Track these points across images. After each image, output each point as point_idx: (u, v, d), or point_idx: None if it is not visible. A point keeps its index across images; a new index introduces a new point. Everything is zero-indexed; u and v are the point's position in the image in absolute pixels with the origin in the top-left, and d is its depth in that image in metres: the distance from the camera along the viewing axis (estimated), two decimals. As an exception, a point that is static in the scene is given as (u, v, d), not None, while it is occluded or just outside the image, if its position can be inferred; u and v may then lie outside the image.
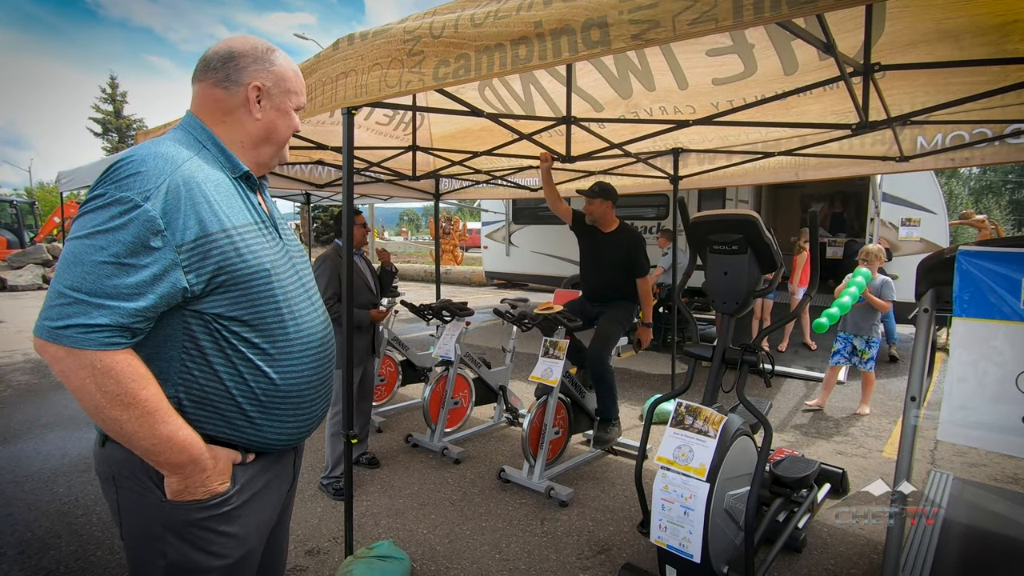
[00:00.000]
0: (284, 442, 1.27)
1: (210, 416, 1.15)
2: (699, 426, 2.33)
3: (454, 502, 3.30)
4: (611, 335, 3.69)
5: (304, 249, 1.38)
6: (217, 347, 1.14)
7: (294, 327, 1.23)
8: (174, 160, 1.10)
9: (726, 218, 2.45)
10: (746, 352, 2.43)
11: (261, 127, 1.28)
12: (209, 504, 1.15)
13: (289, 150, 1.44)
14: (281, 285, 1.21)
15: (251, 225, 1.19)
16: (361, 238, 3.56)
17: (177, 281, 1.05)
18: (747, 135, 4.30)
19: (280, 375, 1.21)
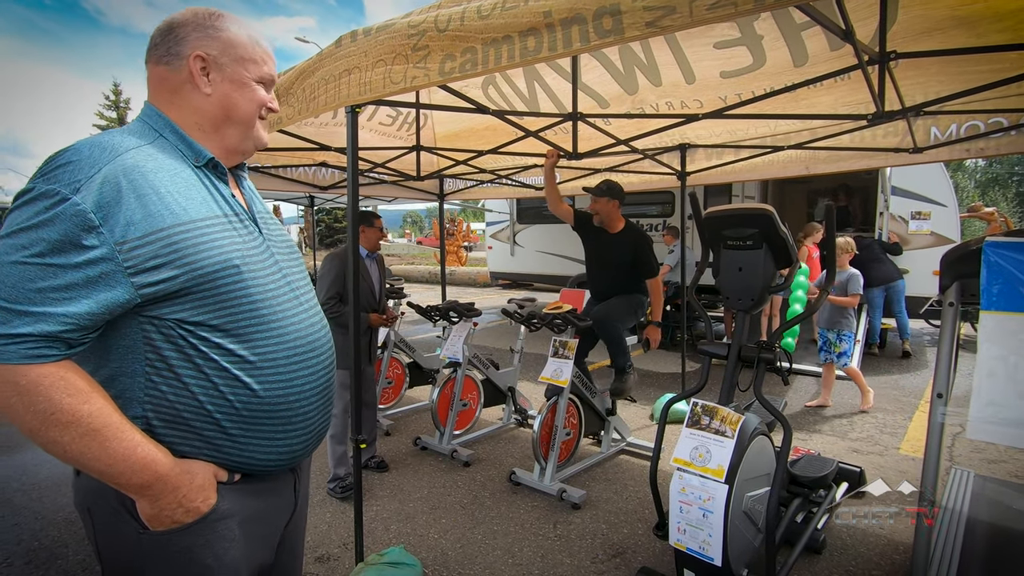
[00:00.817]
0: (276, 462, 1.12)
1: (184, 436, 1.02)
2: (716, 426, 2.27)
3: (465, 506, 3.25)
4: (618, 310, 3.67)
5: (295, 247, 1.26)
6: (184, 357, 1.00)
7: (278, 330, 1.09)
8: (113, 149, 0.97)
9: (741, 212, 2.39)
10: (763, 350, 2.37)
11: (215, 104, 1.12)
12: (193, 528, 1.01)
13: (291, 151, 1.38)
14: (258, 283, 1.07)
15: (216, 218, 1.05)
16: (375, 241, 3.53)
17: (120, 284, 0.92)
18: (756, 129, 4.23)
19: (263, 385, 1.06)
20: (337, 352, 3.24)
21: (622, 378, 3.72)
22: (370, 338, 3.54)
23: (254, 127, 1.18)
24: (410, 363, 4.91)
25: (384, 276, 3.69)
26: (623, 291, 3.76)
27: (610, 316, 3.60)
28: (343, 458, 3.39)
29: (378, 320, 3.49)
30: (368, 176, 5.82)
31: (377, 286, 3.57)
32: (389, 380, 4.71)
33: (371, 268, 3.54)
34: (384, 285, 3.66)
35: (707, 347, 2.52)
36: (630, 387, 3.75)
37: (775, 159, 4.49)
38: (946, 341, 1.98)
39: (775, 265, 2.43)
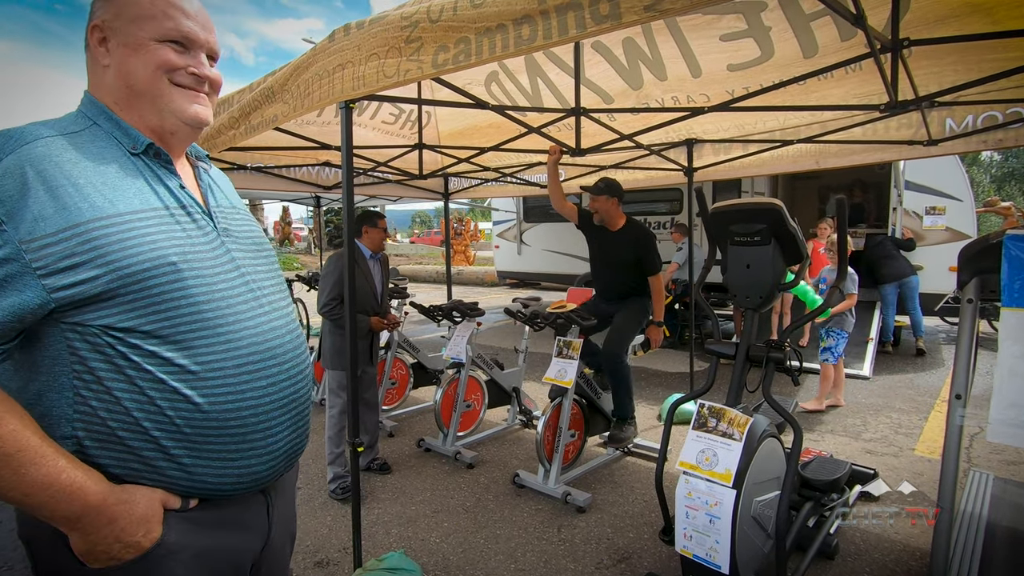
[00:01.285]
0: (233, 486, 0.99)
1: (121, 457, 0.90)
2: (723, 428, 2.20)
3: (467, 509, 3.19)
4: (626, 332, 3.56)
5: (266, 245, 1.16)
6: (114, 369, 0.88)
7: (227, 336, 0.96)
8: (20, 138, 0.87)
9: (748, 207, 2.31)
10: (772, 349, 2.29)
11: (114, 76, 0.98)
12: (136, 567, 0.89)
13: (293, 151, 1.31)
14: (203, 283, 0.95)
15: (153, 211, 0.93)
16: (379, 242, 3.47)
17: (28, 287, 0.82)
18: (764, 123, 4.13)
19: (208, 398, 0.93)
20: (338, 354, 3.19)
21: (622, 427, 3.63)
22: (372, 340, 3.49)
23: (164, 97, 1.00)
24: (414, 364, 4.86)
25: (387, 277, 3.63)
26: (628, 289, 3.68)
27: (622, 346, 3.49)
28: (341, 459, 3.35)
29: (379, 324, 3.43)
30: (372, 175, 5.78)
31: (379, 288, 3.51)
32: (393, 381, 4.67)
33: (374, 269, 3.48)
34: (387, 286, 3.60)
35: (714, 346, 2.44)
36: (630, 437, 3.66)
37: (784, 153, 4.39)
38: (965, 340, 1.89)
39: (784, 261, 2.35)
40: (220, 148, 3.27)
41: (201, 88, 1.04)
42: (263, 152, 5.13)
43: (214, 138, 3.26)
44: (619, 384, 3.51)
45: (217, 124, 3.20)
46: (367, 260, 3.44)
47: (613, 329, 3.56)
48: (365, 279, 3.39)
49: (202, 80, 1.04)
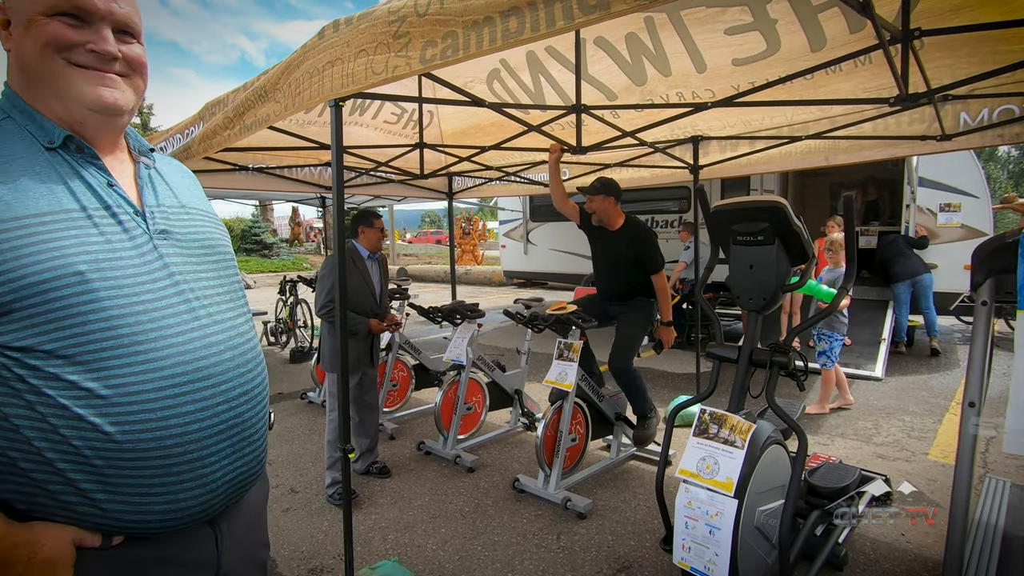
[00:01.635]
0: (157, 524, 0.87)
1: (24, 491, 0.80)
2: (725, 435, 2.12)
3: (466, 514, 3.14)
4: (632, 341, 3.51)
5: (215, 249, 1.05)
6: (11, 392, 0.79)
7: (148, 354, 0.85)
8: None
9: (750, 205, 2.23)
10: (776, 352, 2.21)
11: (14, 61, 0.89)
12: None
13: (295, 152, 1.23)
14: (120, 295, 0.84)
15: (63, 213, 0.83)
16: (376, 242, 3.42)
17: None
18: (771, 119, 4.04)
19: (121, 426, 0.82)
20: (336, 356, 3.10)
21: (644, 424, 3.57)
22: (372, 342, 3.44)
23: (60, 80, 0.88)
24: (416, 365, 4.81)
25: (386, 278, 3.58)
26: (630, 290, 3.60)
27: (630, 358, 3.43)
28: (337, 463, 3.30)
29: (378, 326, 3.37)
30: (374, 175, 5.74)
31: (378, 288, 3.46)
32: (394, 383, 4.62)
33: (371, 270, 3.43)
34: (386, 287, 3.54)
35: (716, 350, 2.36)
36: (653, 433, 3.60)
37: (792, 150, 4.28)
38: (979, 344, 1.79)
39: (789, 261, 2.27)
40: (216, 148, 3.24)
41: (108, 68, 0.91)
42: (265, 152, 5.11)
43: (210, 139, 3.23)
44: (632, 389, 3.47)
45: (212, 125, 3.17)
46: (364, 260, 3.39)
47: (619, 340, 3.50)
48: (363, 280, 3.34)
49: (106, 57, 0.90)
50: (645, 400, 3.53)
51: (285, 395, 5.59)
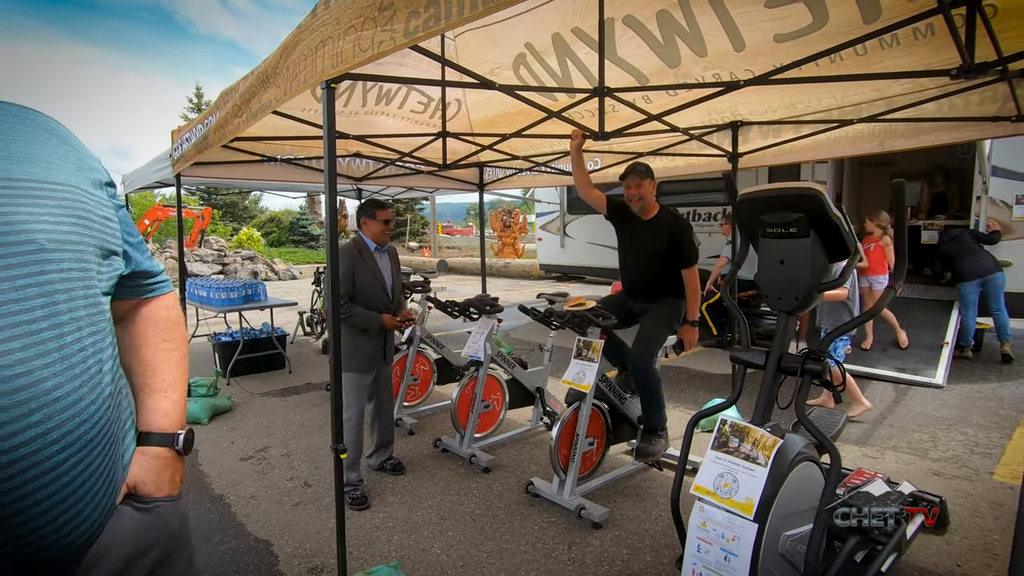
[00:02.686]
0: None
1: None
2: (746, 450, 1.89)
3: (476, 517, 3.01)
4: (656, 336, 3.25)
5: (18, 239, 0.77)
6: None
7: None
8: None
9: (781, 194, 1.98)
10: (808, 359, 1.96)
11: None
12: None
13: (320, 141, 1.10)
14: None
15: None
16: (380, 233, 3.32)
17: None
18: (819, 100, 3.69)
19: None
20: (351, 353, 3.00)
21: (652, 439, 3.30)
22: (385, 338, 3.34)
23: None
24: (438, 359, 4.71)
25: (398, 271, 3.47)
26: (659, 285, 3.36)
27: (650, 353, 3.18)
28: (357, 465, 3.23)
29: (392, 322, 3.26)
30: (399, 166, 5.67)
31: (389, 282, 3.35)
32: (415, 377, 4.54)
33: (381, 262, 3.33)
34: (398, 281, 3.44)
35: (740, 354, 2.13)
36: (659, 451, 3.32)
37: (843, 135, 3.91)
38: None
39: (826, 256, 2.01)
40: (229, 137, 3.21)
41: None
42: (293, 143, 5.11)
43: (222, 128, 3.20)
44: (647, 393, 3.22)
45: (223, 114, 3.13)
46: (372, 253, 3.30)
47: (641, 333, 3.27)
48: (372, 274, 3.24)
49: None
50: (660, 410, 3.28)
51: (313, 385, 5.62)
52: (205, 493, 3.34)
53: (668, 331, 3.32)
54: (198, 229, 20.55)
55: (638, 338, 3.24)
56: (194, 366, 6.23)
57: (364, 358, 3.22)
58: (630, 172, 3.33)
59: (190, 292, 6.62)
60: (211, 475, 3.59)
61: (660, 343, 3.25)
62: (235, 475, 3.58)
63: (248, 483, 3.46)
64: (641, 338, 3.23)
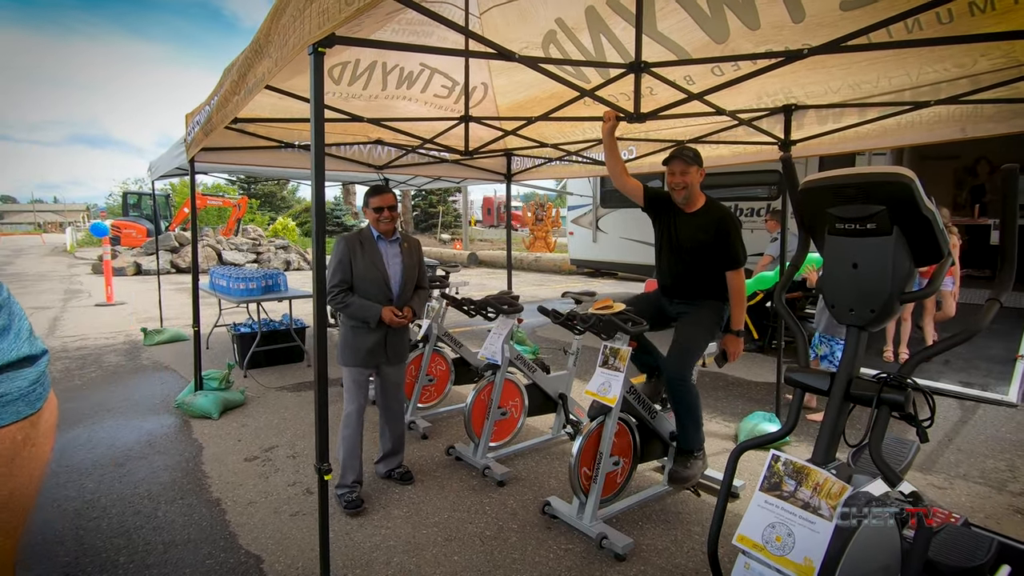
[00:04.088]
0: None
1: None
2: (805, 497, 1.54)
3: (485, 540, 2.72)
4: (695, 344, 2.88)
5: None
6: None
7: None
8: None
9: (860, 181, 1.60)
10: (887, 386, 1.58)
11: None
12: None
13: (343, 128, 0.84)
14: None
15: None
16: (376, 222, 3.05)
17: None
18: (889, 80, 3.23)
19: None
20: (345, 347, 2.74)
21: (687, 462, 2.94)
22: (386, 334, 3.07)
23: None
24: (456, 359, 4.44)
25: (414, 264, 3.19)
26: (699, 287, 2.99)
27: (688, 364, 2.82)
28: (354, 465, 3.00)
29: (391, 317, 2.99)
30: (420, 153, 5.40)
31: (396, 275, 3.09)
32: (431, 377, 4.28)
33: (386, 252, 3.08)
34: (410, 274, 3.16)
35: (799, 375, 1.76)
36: (695, 476, 2.94)
37: (916, 119, 3.44)
38: None
39: (912, 259, 1.63)
40: (230, 117, 2.98)
41: None
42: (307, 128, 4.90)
43: (223, 107, 2.98)
44: (684, 409, 2.86)
45: (224, 92, 2.90)
46: (374, 242, 3.06)
47: (678, 339, 2.90)
48: (374, 265, 3.00)
49: None
50: (697, 429, 2.91)
51: (332, 381, 5.41)
52: (202, 496, 3.15)
53: (709, 339, 2.94)
54: (235, 218, 20.90)
55: (675, 345, 2.88)
56: (212, 358, 6.14)
57: (362, 352, 3.00)
58: (675, 156, 2.95)
59: (212, 282, 6.53)
60: (212, 476, 3.41)
61: (699, 352, 2.89)
62: (237, 477, 3.39)
63: (248, 487, 3.26)
64: (678, 345, 2.87)
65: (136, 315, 9.21)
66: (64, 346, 6.95)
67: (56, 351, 6.66)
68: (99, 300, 10.69)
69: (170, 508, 3.02)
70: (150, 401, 4.82)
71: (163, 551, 2.62)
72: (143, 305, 10.11)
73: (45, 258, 22.21)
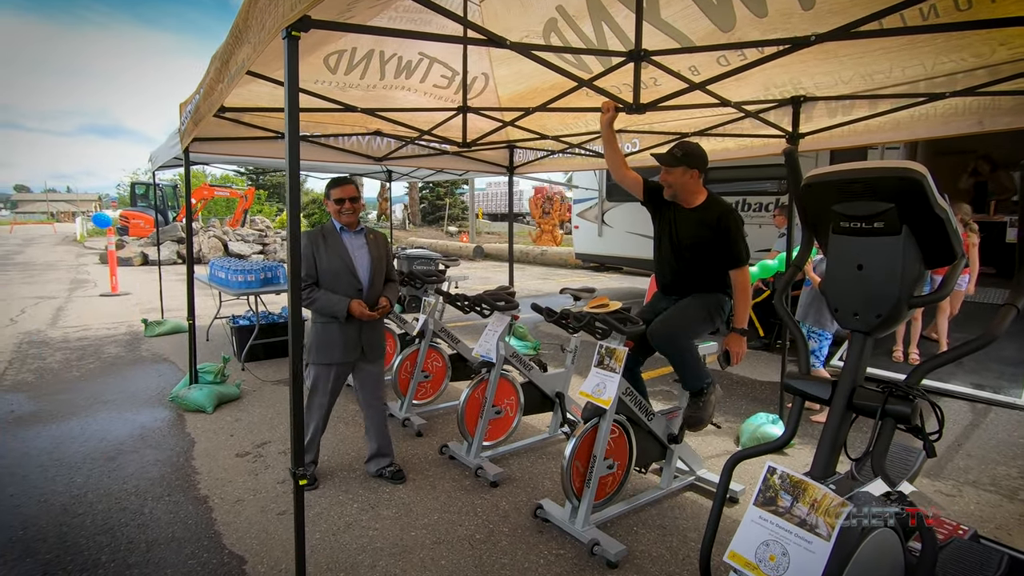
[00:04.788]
0: None
1: None
2: (802, 514, 1.44)
3: (475, 543, 2.65)
4: (687, 314, 2.82)
5: None
6: None
7: None
8: None
9: (867, 176, 1.49)
10: (892, 396, 1.48)
11: None
12: None
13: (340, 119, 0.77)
14: None
15: None
16: (337, 213, 2.99)
17: None
18: (903, 71, 3.09)
19: None
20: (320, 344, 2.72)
21: (698, 403, 2.88)
22: (360, 328, 3.03)
23: None
24: (453, 355, 4.36)
25: (381, 257, 3.14)
26: (699, 285, 2.88)
27: (673, 328, 2.76)
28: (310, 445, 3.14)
29: (359, 310, 2.93)
30: (421, 145, 5.31)
31: (364, 267, 3.04)
32: (426, 374, 4.21)
33: (351, 244, 3.03)
34: (379, 266, 3.11)
35: (798, 383, 1.66)
36: (710, 413, 2.89)
37: (931, 112, 3.30)
38: None
39: (922, 261, 1.52)
40: (216, 106, 2.89)
41: None
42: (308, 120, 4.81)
43: (209, 96, 2.89)
44: (678, 356, 2.79)
45: (209, 80, 2.82)
46: (337, 235, 3.02)
47: (669, 310, 2.83)
48: (339, 258, 2.96)
49: None
50: (701, 366, 2.85)
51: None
52: (190, 493, 3.10)
53: (705, 322, 2.83)
54: (242, 209, 20.92)
55: (667, 315, 2.81)
56: (212, 350, 6.11)
57: (337, 349, 2.97)
58: (661, 157, 2.85)
59: (212, 274, 6.49)
60: (202, 471, 3.36)
61: (688, 326, 2.78)
62: (227, 473, 3.34)
63: (237, 483, 3.21)
64: (668, 313, 2.81)
65: (140, 306, 9.21)
66: (65, 336, 6.95)
67: (57, 342, 6.66)
68: (104, 290, 10.71)
69: (156, 505, 2.97)
70: (146, 393, 4.79)
71: (146, 550, 2.57)
72: (147, 296, 10.11)
73: (55, 247, 22.38)
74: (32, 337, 6.91)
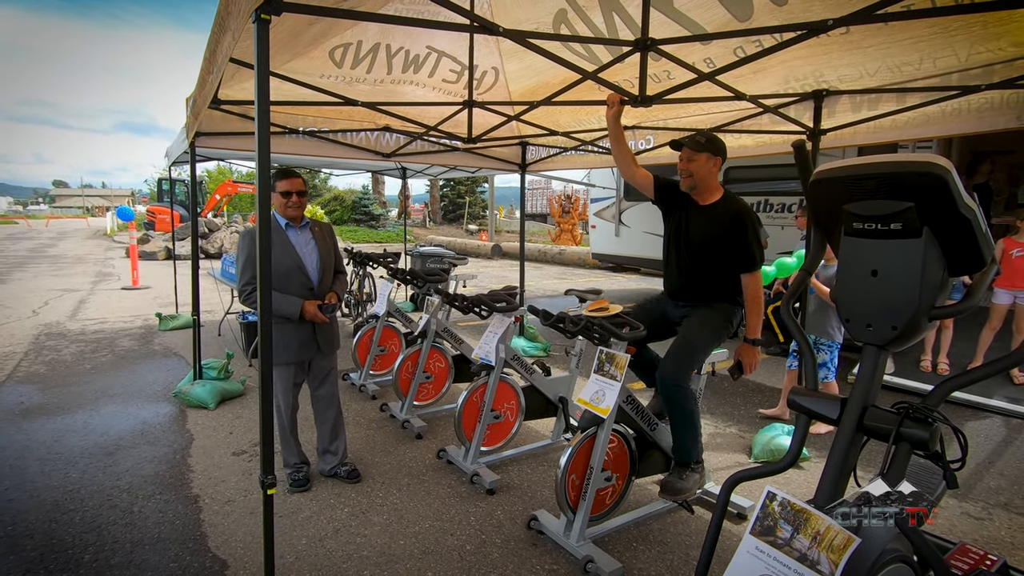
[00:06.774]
0: None
1: None
2: (802, 547, 1.30)
3: (465, 555, 2.53)
4: (698, 345, 2.61)
5: None
6: None
7: None
8: None
9: (882, 171, 1.33)
10: (908, 418, 1.32)
11: None
12: None
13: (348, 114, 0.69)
14: None
15: None
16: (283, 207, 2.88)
17: None
18: (934, 62, 2.88)
19: None
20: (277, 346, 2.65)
21: (683, 473, 2.67)
22: (314, 326, 2.96)
23: None
24: (456, 356, 4.26)
25: (330, 251, 3.06)
26: (709, 289, 2.71)
27: (685, 367, 2.57)
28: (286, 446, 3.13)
29: (314, 312, 2.85)
30: (429, 141, 5.22)
31: (313, 263, 2.95)
32: (428, 375, 4.11)
33: (297, 241, 2.93)
34: (329, 261, 3.03)
35: (803, 399, 1.51)
36: (690, 490, 2.66)
37: (964, 106, 3.07)
38: None
39: (946, 266, 1.35)
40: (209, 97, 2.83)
41: None
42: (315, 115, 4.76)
43: (202, 88, 2.84)
44: (679, 419, 2.60)
45: (201, 72, 2.76)
46: (282, 231, 2.91)
47: (679, 339, 2.64)
48: (286, 254, 2.87)
49: None
50: (695, 439, 2.64)
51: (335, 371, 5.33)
52: (182, 492, 3.06)
53: (715, 342, 2.67)
54: None
55: (674, 345, 2.62)
56: (223, 345, 6.12)
57: (292, 348, 2.90)
58: (684, 142, 2.68)
59: (223, 269, 6.51)
60: (196, 470, 3.32)
61: (701, 356, 2.62)
62: (221, 472, 3.29)
63: (230, 483, 3.15)
64: (678, 346, 2.61)
65: (158, 300, 9.34)
66: (83, 329, 7.06)
67: (74, 334, 6.76)
68: (126, 284, 10.90)
69: (147, 504, 2.93)
70: (152, 388, 4.80)
71: (130, 550, 2.52)
72: (167, 290, 10.25)
73: (86, 241, 22.99)
74: (51, 329, 7.03)
